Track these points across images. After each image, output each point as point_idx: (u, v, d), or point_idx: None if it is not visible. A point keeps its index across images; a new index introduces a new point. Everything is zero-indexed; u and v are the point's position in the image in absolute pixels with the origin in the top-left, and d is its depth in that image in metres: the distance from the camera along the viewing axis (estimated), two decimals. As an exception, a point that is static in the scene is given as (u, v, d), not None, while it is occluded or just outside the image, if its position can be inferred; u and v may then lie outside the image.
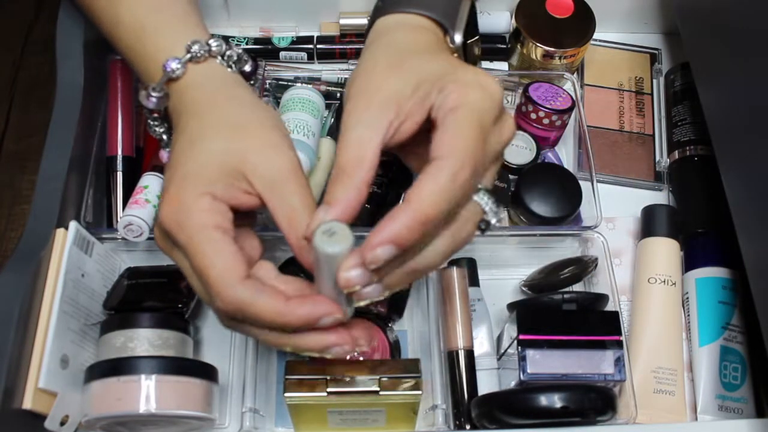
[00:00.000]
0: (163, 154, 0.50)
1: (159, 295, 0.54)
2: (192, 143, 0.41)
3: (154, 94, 0.44)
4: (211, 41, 0.44)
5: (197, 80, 0.44)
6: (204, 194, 0.39)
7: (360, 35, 0.70)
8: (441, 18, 0.45)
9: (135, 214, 0.53)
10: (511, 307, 0.57)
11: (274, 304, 0.37)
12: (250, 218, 0.44)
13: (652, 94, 0.71)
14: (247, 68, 0.47)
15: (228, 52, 0.45)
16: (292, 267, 0.57)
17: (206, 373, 0.50)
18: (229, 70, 0.45)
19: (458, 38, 0.45)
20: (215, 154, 0.40)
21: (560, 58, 0.66)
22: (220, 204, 0.39)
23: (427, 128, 0.39)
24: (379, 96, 0.39)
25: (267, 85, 0.65)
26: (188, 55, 0.44)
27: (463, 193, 0.37)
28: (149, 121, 0.47)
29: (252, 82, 0.48)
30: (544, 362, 0.51)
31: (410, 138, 0.40)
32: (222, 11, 0.70)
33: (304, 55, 0.70)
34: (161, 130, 0.48)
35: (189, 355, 0.54)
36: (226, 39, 0.45)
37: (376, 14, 0.46)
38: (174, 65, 0.43)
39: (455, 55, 0.45)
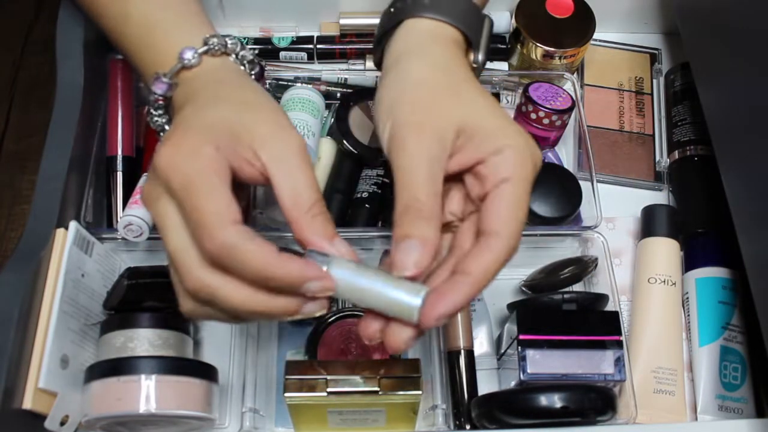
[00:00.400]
0: None
1: (159, 295, 0.54)
2: (201, 106, 0.41)
3: (164, 79, 0.44)
4: (227, 38, 0.45)
5: (209, 70, 0.44)
6: (209, 143, 0.38)
7: (360, 35, 0.70)
8: (470, 34, 0.45)
9: (135, 214, 0.53)
10: (511, 307, 0.57)
11: (265, 252, 0.36)
12: (241, 200, 0.43)
13: (652, 94, 0.71)
14: (255, 71, 0.47)
15: (242, 52, 0.46)
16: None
17: (206, 373, 0.50)
18: (241, 67, 0.46)
19: (481, 58, 0.46)
20: (225, 118, 0.40)
21: (560, 58, 0.66)
22: (223, 158, 0.38)
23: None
24: (443, 124, 0.40)
25: (267, 85, 0.65)
26: (205, 47, 0.44)
27: None
28: (151, 110, 0.46)
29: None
30: (544, 362, 0.51)
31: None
32: (217, 10, 0.70)
33: (304, 55, 0.70)
34: (163, 120, 0.47)
35: (189, 355, 0.54)
36: (240, 40, 0.46)
37: (401, 13, 0.45)
38: (189, 54, 0.44)
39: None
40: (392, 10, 0.46)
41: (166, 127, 0.47)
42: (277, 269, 0.36)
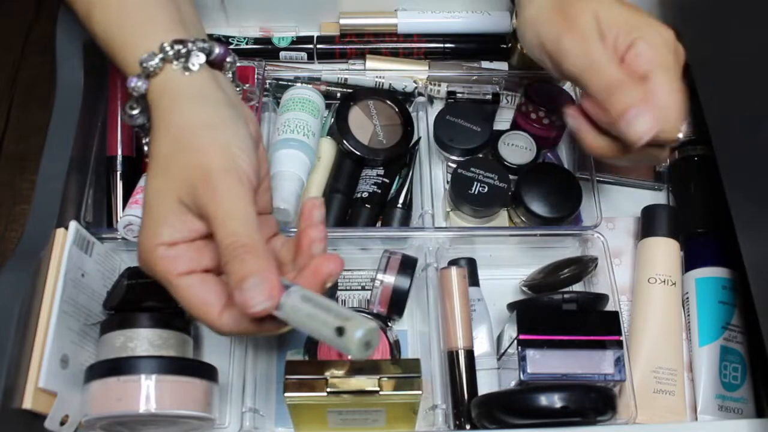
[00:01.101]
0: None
1: (159, 295, 0.53)
2: (153, 176, 0.42)
3: (130, 111, 0.44)
4: (165, 45, 0.42)
5: (156, 96, 0.43)
6: (157, 246, 0.40)
7: (360, 35, 0.70)
8: None
9: (135, 214, 0.53)
10: (511, 307, 0.57)
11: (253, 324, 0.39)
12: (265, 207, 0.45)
13: (652, 94, 0.71)
14: (214, 56, 0.44)
15: (182, 51, 0.43)
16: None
17: (206, 372, 0.50)
18: (186, 74, 0.43)
19: None
20: (167, 202, 0.40)
21: (560, 58, 0.66)
22: (176, 248, 0.40)
23: None
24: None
25: (267, 85, 0.65)
26: (144, 72, 0.43)
27: None
28: (126, 108, 0.45)
29: (227, 71, 0.46)
30: (544, 362, 0.51)
31: None
32: (220, 12, 0.70)
33: (304, 55, 0.70)
34: (140, 121, 0.45)
35: (189, 355, 0.54)
36: (181, 41, 0.43)
37: None
38: (135, 84, 0.43)
39: None
40: None
41: (144, 141, 0.47)
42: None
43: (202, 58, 0.43)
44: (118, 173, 0.58)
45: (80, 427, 0.50)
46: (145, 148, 0.46)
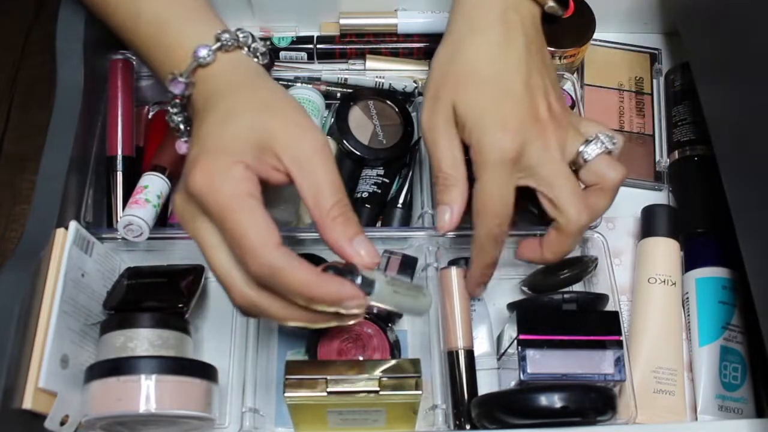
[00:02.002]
0: (181, 145, 0.49)
1: (159, 295, 0.54)
2: (221, 121, 0.42)
3: (181, 79, 0.45)
4: (238, 32, 0.45)
5: (225, 68, 0.45)
6: (237, 162, 0.40)
7: (360, 35, 0.70)
8: None
9: (135, 214, 0.53)
10: (511, 307, 0.57)
11: (307, 273, 0.39)
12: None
13: (652, 94, 0.71)
14: (266, 62, 0.48)
15: (254, 45, 0.46)
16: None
17: (206, 373, 0.50)
18: (254, 60, 0.46)
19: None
20: (246, 130, 0.41)
21: (560, 57, 0.66)
22: (252, 174, 0.40)
23: None
24: None
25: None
26: (218, 44, 0.45)
27: None
28: (169, 108, 0.47)
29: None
30: (544, 362, 0.51)
31: None
32: (221, 11, 0.70)
33: (304, 55, 0.70)
34: (179, 119, 0.48)
35: (189, 355, 0.54)
36: (251, 33, 0.46)
37: None
38: (204, 52, 0.44)
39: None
40: None
41: (182, 127, 0.48)
42: (317, 290, 0.39)
43: (261, 46, 0.46)
44: (118, 173, 0.58)
45: (80, 427, 0.50)
46: (175, 119, 0.47)
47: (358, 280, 0.41)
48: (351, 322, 0.43)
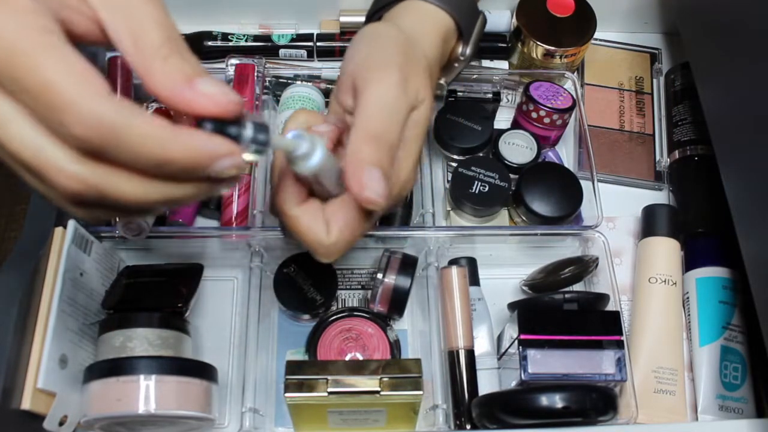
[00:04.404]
0: None
1: (158, 294, 0.54)
2: None
3: None
4: None
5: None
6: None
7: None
8: (464, 26, 0.48)
9: (134, 213, 0.53)
10: (512, 306, 0.57)
11: (155, 127, 0.28)
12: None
13: (652, 94, 0.71)
14: None
15: None
16: (292, 265, 0.57)
17: (206, 373, 0.50)
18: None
19: (469, 51, 0.50)
20: None
21: (561, 57, 0.66)
22: (44, 8, 0.29)
23: None
24: None
25: (267, 83, 0.65)
26: None
27: None
28: None
29: None
30: (545, 362, 0.51)
31: None
32: (221, 7, 0.70)
33: (303, 52, 0.70)
34: None
35: (188, 355, 0.53)
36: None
37: None
38: None
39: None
40: None
41: None
42: (173, 148, 0.29)
43: None
44: (117, 172, 0.58)
45: (79, 428, 0.50)
46: None
47: (248, 131, 0.31)
48: (224, 191, 0.34)
